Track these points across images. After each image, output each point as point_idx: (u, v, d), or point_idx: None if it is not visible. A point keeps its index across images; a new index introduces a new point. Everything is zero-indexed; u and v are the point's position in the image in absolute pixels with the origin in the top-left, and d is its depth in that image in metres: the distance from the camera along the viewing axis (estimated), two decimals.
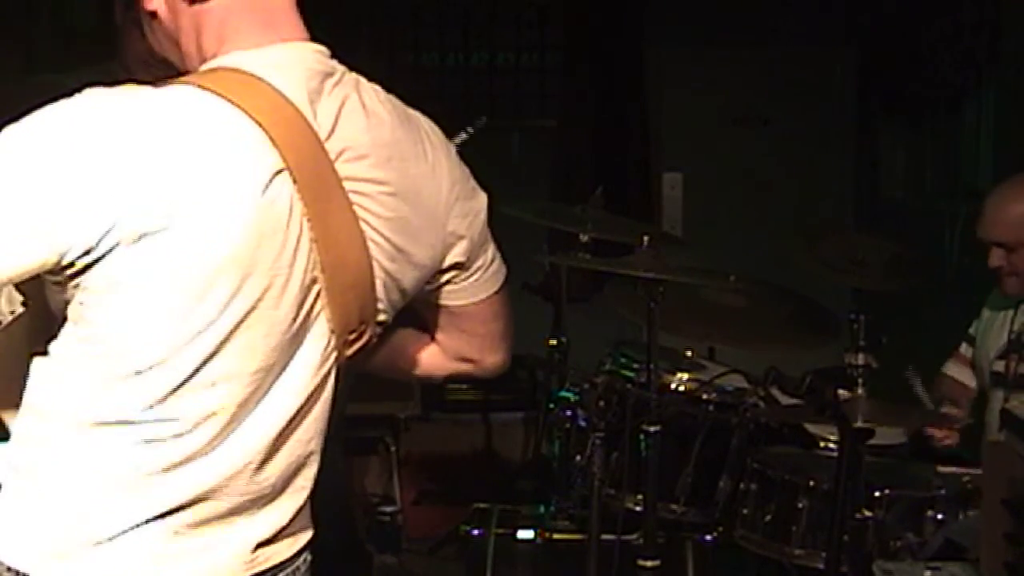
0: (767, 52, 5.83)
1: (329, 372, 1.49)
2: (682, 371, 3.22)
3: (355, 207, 1.44)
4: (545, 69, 6.27)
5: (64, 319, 1.40)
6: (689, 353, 3.42)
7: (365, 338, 1.51)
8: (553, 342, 3.91)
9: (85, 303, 1.35)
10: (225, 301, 1.36)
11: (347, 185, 1.43)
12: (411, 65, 6.09)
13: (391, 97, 1.53)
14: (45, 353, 1.42)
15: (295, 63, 1.44)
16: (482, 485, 4.80)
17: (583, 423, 3.19)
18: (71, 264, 1.32)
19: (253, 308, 1.38)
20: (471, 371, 1.75)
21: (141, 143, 1.32)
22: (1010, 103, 4.50)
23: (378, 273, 1.48)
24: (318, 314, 1.45)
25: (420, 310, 1.69)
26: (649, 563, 2.84)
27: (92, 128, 1.32)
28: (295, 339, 1.44)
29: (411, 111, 1.56)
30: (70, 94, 1.36)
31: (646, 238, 2.85)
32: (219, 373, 1.39)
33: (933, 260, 4.30)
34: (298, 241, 1.40)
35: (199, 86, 1.38)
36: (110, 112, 1.34)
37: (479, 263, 1.63)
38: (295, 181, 1.38)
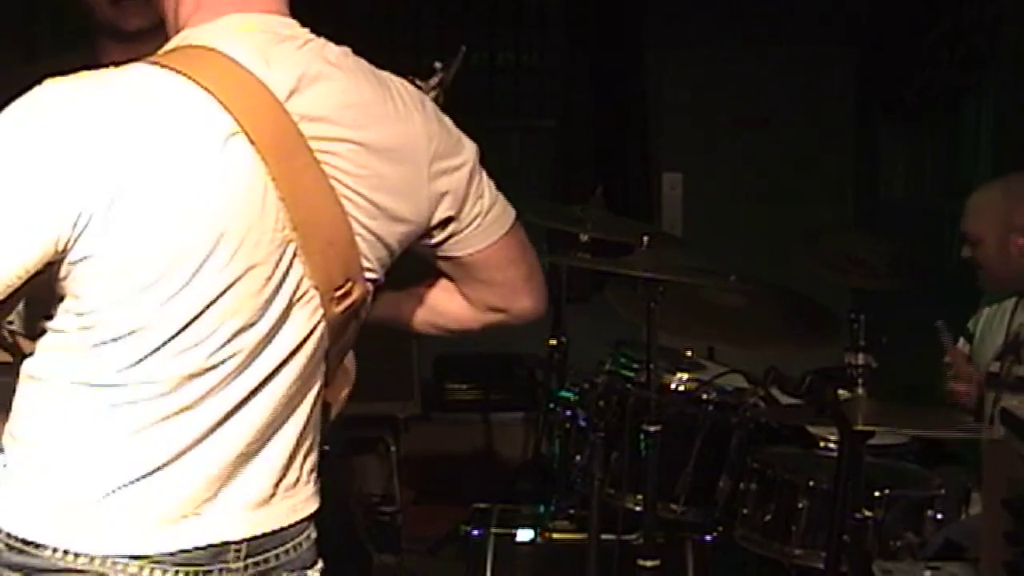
0: (767, 52, 5.84)
1: (315, 329, 1.51)
2: (682, 371, 3.21)
3: (324, 166, 1.46)
4: (545, 69, 6.27)
5: (59, 295, 1.44)
6: (689, 353, 3.42)
7: (354, 295, 1.52)
8: (553, 342, 3.91)
9: (70, 277, 1.40)
10: (197, 265, 1.40)
11: (313, 144, 1.45)
12: (411, 66, 6.08)
13: (360, 60, 1.55)
14: (45, 328, 1.46)
15: (247, 28, 1.48)
16: (482, 485, 4.79)
17: (583, 423, 3.19)
18: (66, 247, 1.37)
19: (227, 270, 1.41)
20: (505, 320, 1.75)
21: (99, 125, 1.37)
22: (1010, 103, 4.50)
23: (358, 230, 1.50)
24: (298, 272, 1.47)
25: (439, 267, 1.71)
26: (649, 563, 2.84)
27: (53, 118, 1.37)
28: (275, 297, 1.46)
29: (381, 72, 1.57)
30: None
31: (646, 238, 2.85)
32: (198, 335, 1.42)
33: (933, 260, 4.29)
34: (264, 200, 1.43)
35: (150, 63, 1.43)
36: (65, 101, 1.38)
37: (474, 212, 1.63)
38: (253, 142, 1.41)
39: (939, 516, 2.89)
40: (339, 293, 1.50)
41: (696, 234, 5.53)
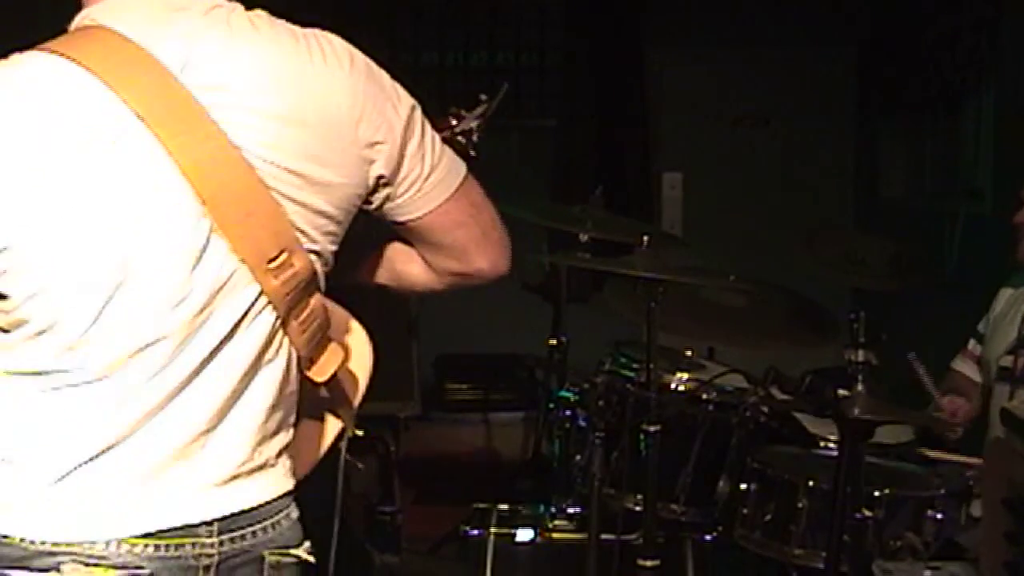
0: (767, 52, 5.84)
1: (254, 303, 1.47)
2: (682, 371, 3.21)
3: (232, 136, 1.42)
4: (545, 69, 6.28)
5: None
6: (689, 353, 3.41)
7: (296, 267, 1.48)
8: (553, 342, 3.91)
9: None
10: (104, 250, 1.39)
11: (216, 115, 1.42)
12: (411, 65, 6.09)
13: (278, 22, 1.51)
14: None
15: (141, 4, 1.46)
16: (482, 485, 4.80)
17: (583, 423, 3.19)
18: None
19: (137, 249, 1.40)
20: (465, 281, 1.69)
21: None
22: (1010, 103, 4.50)
23: (282, 200, 1.46)
24: (220, 246, 1.44)
25: (393, 229, 1.66)
26: (649, 563, 2.83)
27: None
28: (198, 272, 1.43)
29: (304, 32, 1.51)
30: None
31: (646, 238, 2.85)
32: (123, 318, 1.41)
33: (933, 260, 4.30)
34: (161, 177, 1.40)
35: (40, 50, 1.43)
36: None
37: (412, 176, 1.57)
38: (142, 119, 1.40)
39: (939, 516, 2.88)
40: (274, 265, 1.46)
41: (696, 234, 5.53)
